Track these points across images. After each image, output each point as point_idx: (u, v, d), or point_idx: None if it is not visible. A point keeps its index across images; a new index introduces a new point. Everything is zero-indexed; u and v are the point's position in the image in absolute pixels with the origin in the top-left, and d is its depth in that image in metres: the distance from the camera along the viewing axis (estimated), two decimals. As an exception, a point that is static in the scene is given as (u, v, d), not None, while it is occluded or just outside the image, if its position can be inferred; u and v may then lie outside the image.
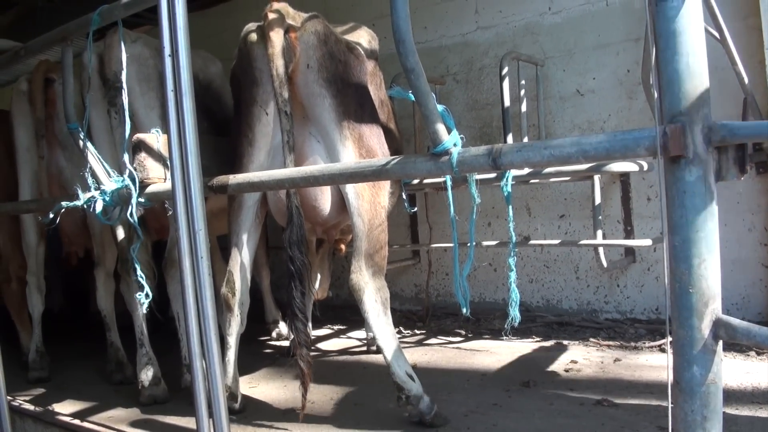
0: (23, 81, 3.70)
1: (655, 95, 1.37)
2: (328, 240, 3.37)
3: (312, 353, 2.80)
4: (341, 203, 2.76)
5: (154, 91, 3.10)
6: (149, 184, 2.54)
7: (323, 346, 4.33)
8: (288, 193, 2.63)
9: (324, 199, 2.77)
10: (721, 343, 1.34)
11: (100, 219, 2.63)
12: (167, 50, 1.99)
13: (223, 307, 2.90)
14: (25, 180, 3.78)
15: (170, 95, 2.00)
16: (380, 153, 2.74)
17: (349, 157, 2.63)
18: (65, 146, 3.65)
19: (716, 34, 2.58)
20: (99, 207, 2.56)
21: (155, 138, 2.61)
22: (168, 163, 2.48)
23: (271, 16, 2.59)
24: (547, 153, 1.52)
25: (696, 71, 1.32)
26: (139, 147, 2.57)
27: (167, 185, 2.43)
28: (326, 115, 2.65)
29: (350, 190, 2.67)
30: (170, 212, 2.32)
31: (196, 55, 3.17)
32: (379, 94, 2.98)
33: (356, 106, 2.70)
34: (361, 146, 2.67)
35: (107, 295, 3.83)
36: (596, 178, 3.80)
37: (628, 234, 4.14)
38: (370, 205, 2.68)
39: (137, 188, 2.50)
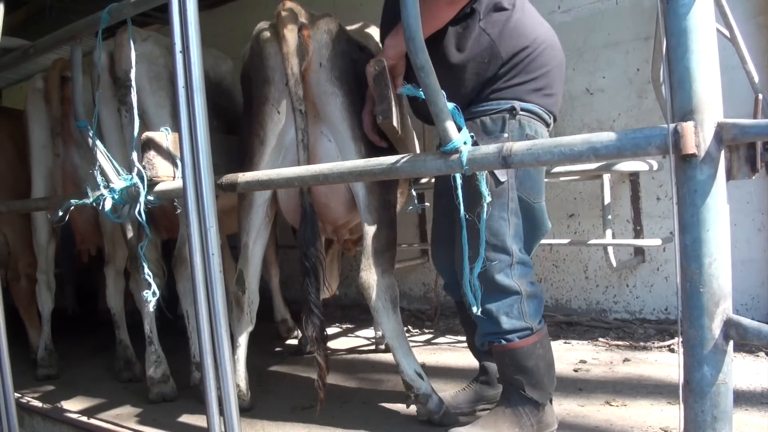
0: (39, 79, 3.70)
1: (666, 93, 1.36)
2: (337, 240, 3.37)
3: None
4: (351, 202, 2.76)
5: (164, 90, 3.10)
6: (158, 182, 2.55)
7: (331, 344, 4.32)
8: (301, 191, 2.63)
9: (335, 197, 2.77)
10: (731, 343, 1.34)
11: (110, 217, 2.64)
12: (178, 47, 1.98)
13: (232, 305, 2.91)
14: (39, 178, 3.78)
15: (181, 92, 1.99)
16: (390, 151, 2.74)
17: (359, 155, 2.63)
18: (80, 144, 3.63)
19: (726, 33, 2.56)
20: (108, 205, 2.57)
21: (164, 136, 2.61)
22: (177, 161, 2.48)
23: (285, 14, 2.58)
24: (557, 151, 1.51)
25: (707, 69, 1.31)
26: (148, 145, 2.57)
27: (177, 183, 2.43)
28: (338, 113, 2.64)
29: (360, 188, 2.67)
30: (179, 210, 2.32)
31: (207, 53, 3.18)
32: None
33: (367, 104, 2.69)
34: (371, 145, 2.66)
35: (117, 293, 3.84)
36: (606, 177, 3.78)
37: (638, 233, 4.12)
38: (380, 203, 2.68)
39: (145, 186, 2.50)
